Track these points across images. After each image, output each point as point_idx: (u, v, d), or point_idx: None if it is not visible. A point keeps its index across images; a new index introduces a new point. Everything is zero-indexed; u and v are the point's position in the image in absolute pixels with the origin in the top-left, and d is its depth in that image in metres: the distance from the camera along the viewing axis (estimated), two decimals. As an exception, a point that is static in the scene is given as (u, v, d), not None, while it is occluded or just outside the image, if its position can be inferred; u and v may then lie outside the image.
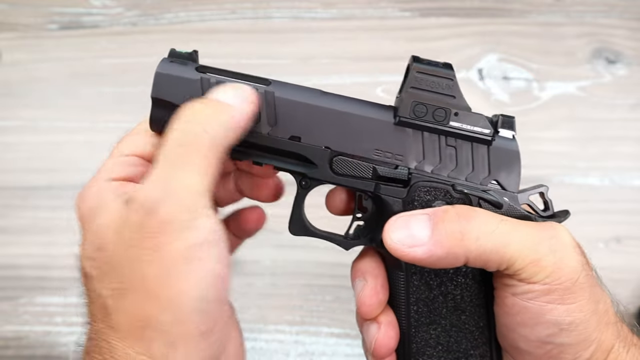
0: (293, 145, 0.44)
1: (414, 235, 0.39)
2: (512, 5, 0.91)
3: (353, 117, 0.44)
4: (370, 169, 0.44)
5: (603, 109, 0.84)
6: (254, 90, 0.43)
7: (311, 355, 0.73)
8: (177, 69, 0.45)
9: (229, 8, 0.92)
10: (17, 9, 0.93)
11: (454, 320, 0.44)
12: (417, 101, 0.43)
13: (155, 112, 0.44)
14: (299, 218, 0.48)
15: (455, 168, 0.44)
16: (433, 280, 0.44)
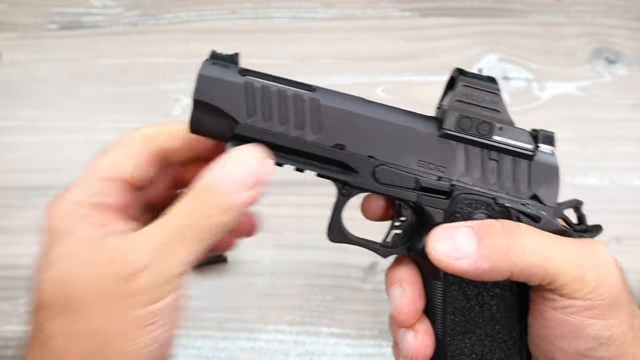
0: (337, 153, 0.44)
1: (459, 248, 0.40)
2: (512, 5, 0.91)
3: (397, 127, 0.45)
4: (412, 180, 0.45)
5: (603, 109, 0.84)
6: (268, 161, 0.42)
7: (311, 355, 0.73)
8: (220, 71, 0.44)
9: (229, 8, 0.92)
10: (17, 9, 0.93)
11: (489, 329, 0.45)
12: (462, 114, 0.44)
13: (197, 115, 0.43)
14: (337, 225, 0.48)
15: (496, 181, 0.45)
16: (471, 291, 0.45)
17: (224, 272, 0.76)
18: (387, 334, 0.73)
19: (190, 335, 0.74)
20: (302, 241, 0.78)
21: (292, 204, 0.79)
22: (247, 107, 0.43)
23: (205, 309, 0.75)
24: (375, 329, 0.73)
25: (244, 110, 0.43)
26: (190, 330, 0.74)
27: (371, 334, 0.73)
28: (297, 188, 0.80)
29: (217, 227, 0.39)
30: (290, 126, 0.44)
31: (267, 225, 0.79)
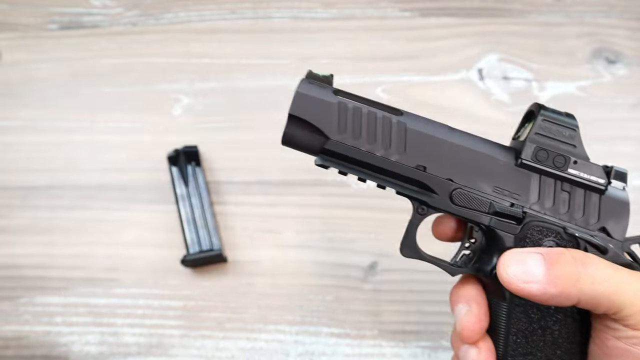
0: (418, 174, 0.47)
1: (529, 272, 0.42)
2: (512, 5, 0.91)
3: (477, 155, 0.47)
4: (487, 204, 0.47)
5: (603, 109, 0.84)
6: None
7: (311, 355, 0.73)
8: (317, 90, 0.47)
9: (229, 8, 0.92)
10: (17, 9, 0.93)
11: (550, 354, 0.47)
12: (540, 147, 0.47)
13: (290, 129, 0.47)
14: (412, 242, 0.50)
15: (567, 212, 0.47)
16: (534, 314, 0.47)
17: (224, 272, 0.76)
18: (386, 334, 0.73)
19: (190, 335, 0.74)
20: (302, 241, 0.78)
21: (292, 204, 0.79)
22: (339, 125, 0.47)
23: (205, 309, 0.75)
24: (375, 329, 0.73)
25: (336, 127, 0.47)
26: (190, 330, 0.74)
27: (371, 334, 0.73)
28: (297, 188, 0.80)
29: None
30: (377, 145, 0.47)
31: (267, 225, 0.79)
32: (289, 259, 0.77)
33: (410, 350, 0.72)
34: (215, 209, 0.79)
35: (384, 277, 0.75)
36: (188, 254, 0.75)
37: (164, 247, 0.78)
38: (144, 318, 0.75)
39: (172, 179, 0.78)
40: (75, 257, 0.77)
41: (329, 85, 0.48)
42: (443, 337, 0.72)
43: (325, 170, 0.84)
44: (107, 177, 0.81)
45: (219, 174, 0.81)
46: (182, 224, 0.76)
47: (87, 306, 0.76)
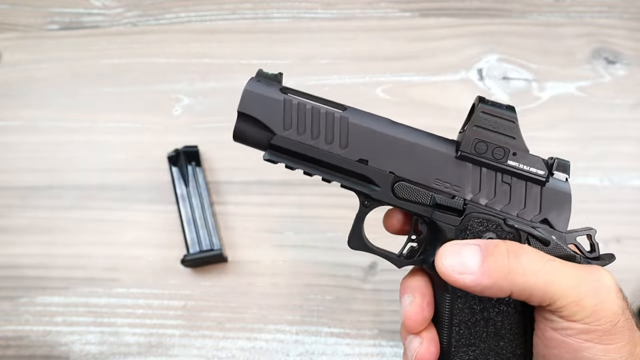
0: (360, 167, 0.49)
1: (464, 264, 0.43)
2: (512, 5, 0.91)
3: (418, 147, 0.48)
4: (429, 196, 0.48)
5: (603, 109, 0.84)
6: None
7: (311, 355, 0.73)
8: (264, 88, 0.49)
9: (229, 8, 0.92)
10: (17, 9, 0.93)
11: (493, 345, 0.47)
12: (479, 139, 0.47)
13: (240, 125, 0.50)
14: (358, 234, 0.52)
15: (508, 204, 0.47)
16: (477, 305, 0.47)
17: (224, 272, 0.77)
18: (386, 334, 0.73)
19: (190, 335, 0.74)
20: (302, 241, 0.78)
21: (292, 204, 0.79)
22: (284, 121, 0.48)
23: (205, 309, 0.75)
24: (375, 328, 0.73)
25: (281, 123, 0.48)
26: (190, 330, 0.74)
27: (371, 334, 0.73)
28: (297, 188, 0.80)
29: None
30: (320, 140, 0.48)
31: (267, 225, 0.80)
32: (289, 259, 0.77)
33: (410, 350, 0.72)
34: (215, 209, 0.79)
35: (384, 277, 0.75)
36: (188, 253, 0.75)
37: (164, 247, 0.78)
38: (144, 318, 0.75)
39: (172, 179, 0.78)
40: (76, 257, 0.77)
41: (277, 83, 0.50)
42: (443, 337, 0.72)
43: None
44: (107, 177, 0.81)
45: (219, 174, 0.81)
46: (182, 224, 0.76)
47: (87, 306, 0.76)
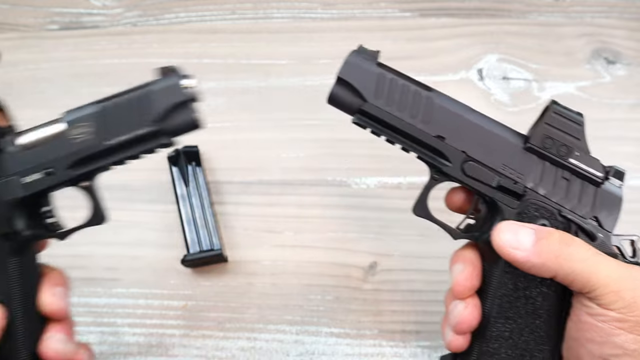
0: (437, 142, 0.53)
1: (519, 240, 0.48)
2: (512, 5, 0.91)
3: (490, 134, 0.53)
4: (494, 178, 0.52)
5: (603, 109, 0.84)
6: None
7: (311, 355, 0.73)
8: (363, 61, 0.56)
9: (229, 8, 0.92)
10: (17, 9, 0.93)
11: (529, 321, 0.51)
12: (547, 135, 0.52)
13: (336, 89, 0.54)
14: (423, 203, 0.57)
15: (564, 197, 0.52)
16: (521, 283, 0.51)
17: (224, 272, 0.77)
18: (386, 334, 0.73)
19: (190, 335, 0.74)
20: (302, 241, 0.78)
21: (292, 204, 0.79)
22: (376, 91, 0.54)
23: (205, 309, 0.75)
24: (375, 328, 0.73)
25: (373, 93, 0.54)
26: (190, 330, 0.74)
27: (371, 334, 0.73)
28: (297, 188, 0.80)
29: None
30: (406, 113, 0.53)
31: (267, 225, 0.80)
32: (289, 259, 0.77)
33: (410, 350, 0.72)
34: (215, 209, 0.79)
35: (384, 277, 0.76)
36: (188, 253, 0.75)
37: (164, 247, 0.78)
38: (144, 318, 0.75)
39: (172, 179, 0.78)
40: (75, 257, 0.77)
41: (374, 58, 0.56)
42: (443, 337, 0.72)
43: (325, 170, 0.85)
44: (107, 176, 0.81)
45: (219, 174, 0.81)
46: (182, 224, 0.76)
47: (87, 306, 0.76)
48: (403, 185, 0.80)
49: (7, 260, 0.51)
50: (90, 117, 0.53)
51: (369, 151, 0.81)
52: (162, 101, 0.52)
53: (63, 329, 0.55)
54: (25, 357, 0.52)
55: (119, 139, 0.52)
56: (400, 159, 0.62)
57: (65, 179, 0.53)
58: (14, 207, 0.52)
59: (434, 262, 0.76)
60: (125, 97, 0.53)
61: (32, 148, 0.52)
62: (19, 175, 0.52)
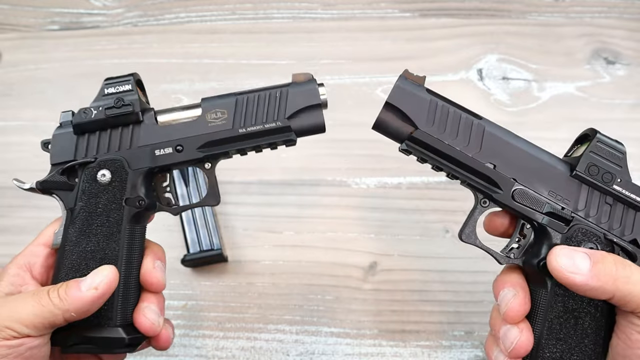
0: (489, 170, 0.54)
1: (576, 265, 0.49)
2: (511, 5, 0.91)
3: (539, 161, 0.55)
4: (543, 204, 0.54)
5: (602, 109, 0.84)
6: None
7: (311, 355, 0.73)
8: (413, 86, 0.55)
9: (229, 8, 0.92)
10: (18, 9, 0.93)
11: (578, 341, 0.53)
12: (592, 163, 0.54)
13: (384, 115, 0.54)
14: (472, 229, 0.57)
15: (607, 221, 0.54)
16: (570, 305, 0.53)
17: (224, 272, 0.77)
18: (386, 334, 0.73)
19: (190, 335, 0.74)
20: (302, 241, 0.78)
21: (292, 204, 0.80)
22: (428, 118, 0.54)
23: (205, 309, 0.75)
24: (375, 328, 0.73)
25: (425, 120, 0.54)
26: (190, 330, 0.74)
27: (371, 334, 0.73)
28: (297, 188, 0.80)
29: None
30: (458, 141, 0.54)
31: (267, 225, 0.80)
32: (289, 259, 0.77)
33: (410, 350, 0.72)
34: (215, 209, 0.79)
35: (384, 277, 0.76)
36: (188, 253, 0.75)
37: (164, 246, 0.78)
38: (145, 318, 0.75)
39: (172, 179, 0.78)
40: (76, 257, 0.77)
41: (422, 84, 0.55)
42: (443, 337, 0.72)
43: (325, 170, 0.84)
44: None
45: (219, 174, 0.81)
46: (182, 224, 0.76)
47: (87, 306, 0.76)
48: (403, 185, 0.80)
49: (123, 226, 0.55)
50: (227, 105, 0.57)
51: (369, 151, 0.81)
52: (299, 101, 0.57)
53: (157, 300, 0.58)
54: (119, 320, 0.54)
55: (252, 129, 0.56)
56: (400, 159, 0.62)
57: (193, 157, 0.57)
58: (142, 175, 0.56)
59: (434, 262, 0.76)
60: (263, 92, 0.57)
61: (169, 125, 0.57)
62: (153, 147, 0.56)
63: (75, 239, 0.55)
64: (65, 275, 0.54)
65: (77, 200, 0.56)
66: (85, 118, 0.59)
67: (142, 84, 0.61)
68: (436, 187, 0.80)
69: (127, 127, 0.57)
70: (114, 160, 0.56)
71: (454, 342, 0.72)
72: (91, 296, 0.49)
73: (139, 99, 0.57)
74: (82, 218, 0.55)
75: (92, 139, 0.58)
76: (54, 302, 0.49)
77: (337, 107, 0.82)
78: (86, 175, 0.56)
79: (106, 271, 0.51)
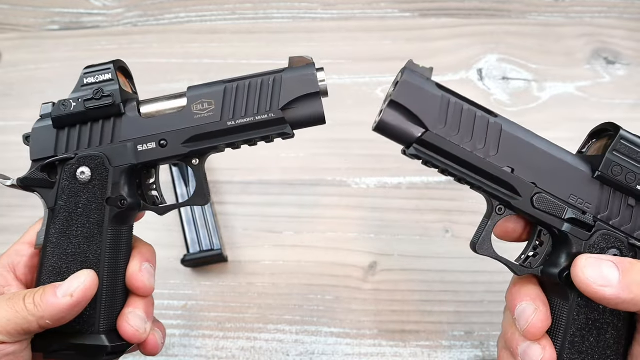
0: (507, 175, 0.49)
1: (605, 277, 0.45)
2: (511, 5, 0.91)
3: (560, 163, 0.50)
4: (564, 210, 0.49)
5: (602, 109, 0.84)
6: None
7: (311, 355, 0.73)
8: (422, 81, 0.48)
9: (229, 8, 0.92)
10: (18, 9, 0.93)
11: (601, 353, 0.50)
12: (616, 163, 0.49)
13: (389, 116, 0.48)
14: (487, 240, 0.52)
15: (629, 225, 0.50)
16: (594, 317, 0.50)
17: (224, 272, 0.77)
18: (386, 334, 0.73)
19: (190, 335, 0.74)
20: (302, 241, 0.78)
21: (292, 204, 0.80)
22: (440, 118, 0.48)
23: (205, 309, 0.75)
24: (375, 328, 0.73)
25: (436, 120, 0.47)
26: (190, 330, 0.74)
27: (371, 334, 0.73)
28: (297, 188, 0.80)
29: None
30: (473, 143, 0.48)
31: (267, 225, 0.80)
32: (289, 258, 0.77)
33: (410, 350, 0.72)
34: (215, 209, 0.79)
35: (384, 277, 0.76)
36: (188, 253, 0.75)
37: (164, 246, 0.78)
38: (144, 318, 0.75)
39: (172, 178, 0.79)
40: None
41: (430, 77, 0.49)
42: (443, 337, 0.72)
43: (325, 170, 0.84)
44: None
45: (219, 174, 0.82)
46: (182, 224, 0.76)
47: (87, 306, 0.76)
48: (403, 185, 0.80)
49: (104, 227, 0.51)
50: (214, 95, 0.52)
51: (369, 151, 0.81)
52: (295, 89, 0.50)
53: (144, 305, 0.53)
54: (104, 326, 0.51)
55: (242, 121, 0.51)
56: (400, 159, 0.62)
57: (178, 153, 0.52)
58: (124, 173, 0.52)
59: (434, 262, 0.76)
60: (255, 80, 0.51)
61: (152, 117, 0.52)
62: (135, 142, 0.52)
63: (56, 240, 0.52)
64: (46, 278, 0.51)
65: (57, 199, 0.52)
66: (64, 111, 0.53)
67: (126, 71, 0.58)
68: (436, 187, 0.80)
69: (108, 120, 0.52)
70: (93, 157, 0.52)
71: (454, 342, 0.72)
72: (66, 303, 0.47)
73: (119, 89, 0.53)
74: (62, 218, 0.52)
75: (72, 133, 0.53)
76: (28, 308, 0.47)
77: (337, 107, 0.83)
78: (66, 172, 0.52)
79: (83, 277, 0.48)
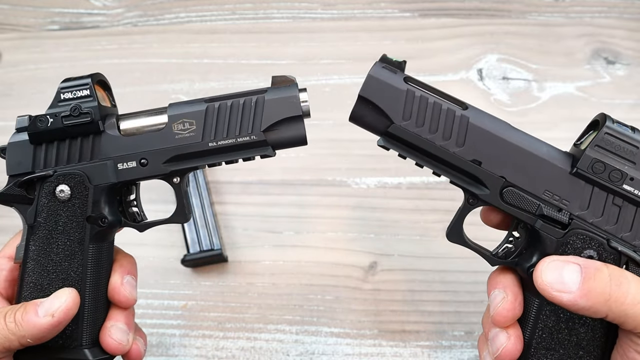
0: (473, 168, 0.49)
1: (564, 282, 0.44)
2: (511, 5, 0.91)
3: (533, 157, 0.48)
4: (536, 206, 0.48)
5: (602, 109, 0.83)
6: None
7: (311, 355, 0.73)
8: (388, 75, 0.49)
9: (229, 9, 0.93)
10: (18, 9, 0.93)
11: (571, 353, 0.48)
12: (597, 159, 0.47)
13: (358, 108, 0.50)
14: (458, 229, 0.52)
15: (614, 225, 0.47)
16: (564, 314, 0.48)
17: (224, 272, 0.77)
18: (386, 334, 0.73)
19: (190, 335, 0.74)
20: (302, 241, 0.78)
21: (292, 204, 0.80)
22: (404, 111, 0.48)
23: (205, 309, 0.75)
24: (375, 328, 0.73)
25: (401, 114, 0.48)
26: (190, 330, 0.74)
27: (371, 334, 0.73)
28: (297, 188, 0.80)
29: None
30: (437, 135, 0.48)
31: (267, 225, 0.80)
32: (289, 258, 0.77)
33: (410, 350, 0.72)
34: (215, 209, 0.79)
35: (384, 277, 0.76)
36: (188, 253, 0.75)
37: (164, 246, 0.78)
38: (145, 317, 0.75)
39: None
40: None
41: (400, 71, 0.50)
42: (443, 337, 0.72)
43: (325, 170, 0.84)
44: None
45: (219, 174, 0.82)
46: (182, 224, 0.76)
47: (87, 306, 0.76)
48: (403, 185, 0.80)
49: (87, 245, 0.51)
50: (195, 115, 0.51)
51: (369, 151, 0.81)
52: (277, 111, 0.50)
53: (125, 317, 0.54)
54: (87, 342, 0.51)
55: (223, 142, 0.51)
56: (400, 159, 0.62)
57: (158, 172, 0.52)
58: (104, 191, 0.51)
59: (434, 262, 0.76)
60: (236, 100, 0.51)
61: (132, 135, 0.52)
62: (115, 160, 0.51)
63: (36, 257, 0.51)
64: (28, 294, 0.51)
65: (37, 217, 0.51)
66: (41, 127, 0.53)
67: (105, 84, 0.57)
68: (436, 187, 0.80)
69: (86, 137, 0.52)
70: (72, 175, 0.51)
71: (454, 342, 0.72)
72: (47, 323, 0.46)
73: (98, 105, 0.52)
74: (42, 235, 0.51)
75: (50, 149, 0.52)
76: (9, 327, 0.46)
77: (337, 107, 0.83)
78: (44, 189, 0.51)
79: (64, 297, 0.48)
